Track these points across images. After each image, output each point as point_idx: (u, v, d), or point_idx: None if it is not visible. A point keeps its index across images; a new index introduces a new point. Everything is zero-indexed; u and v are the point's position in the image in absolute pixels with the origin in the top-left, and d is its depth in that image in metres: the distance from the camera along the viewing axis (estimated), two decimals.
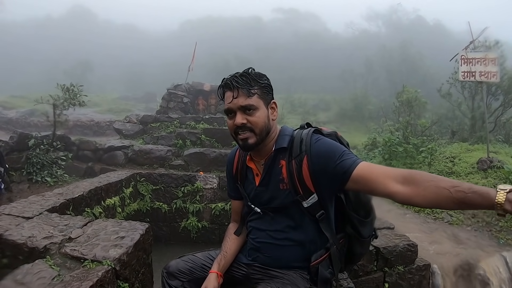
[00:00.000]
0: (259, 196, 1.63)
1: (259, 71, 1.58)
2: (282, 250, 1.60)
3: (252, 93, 1.48)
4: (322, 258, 1.59)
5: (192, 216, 6.33)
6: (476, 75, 6.59)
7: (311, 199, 1.52)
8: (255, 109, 1.48)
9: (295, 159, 1.51)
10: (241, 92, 1.47)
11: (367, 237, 1.76)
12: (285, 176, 1.54)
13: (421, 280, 3.31)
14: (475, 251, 4.45)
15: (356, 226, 1.68)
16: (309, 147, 1.49)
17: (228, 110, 1.52)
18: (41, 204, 3.45)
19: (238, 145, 1.57)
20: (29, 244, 2.39)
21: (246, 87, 1.47)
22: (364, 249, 1.82)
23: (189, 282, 1.68)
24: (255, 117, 1.48)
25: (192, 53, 11.35)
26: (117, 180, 5.36)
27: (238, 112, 1.48)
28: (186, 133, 7.90)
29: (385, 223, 3.68)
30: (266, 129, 1.52)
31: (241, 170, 1.71)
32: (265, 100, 1.53)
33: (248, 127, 1.48)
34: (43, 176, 6.59)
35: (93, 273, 1.96)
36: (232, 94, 1.48)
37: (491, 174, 6.35)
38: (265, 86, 1.53)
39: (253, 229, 1.72)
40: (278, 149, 1.56)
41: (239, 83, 1.47)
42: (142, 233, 2.57)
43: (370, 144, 10.73)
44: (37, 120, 13.68)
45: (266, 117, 1.52)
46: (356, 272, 2.88)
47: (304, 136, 1.54)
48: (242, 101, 1.47)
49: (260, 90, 1.51)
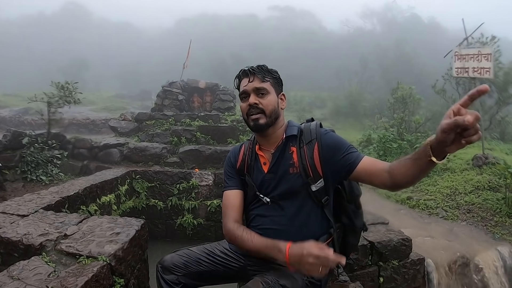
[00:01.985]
0: (267, 183, 1.68)
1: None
2: (286, 238, 1.58)
3: (266, 80, 1.66)
4: (327, 241, 1.66)
5: (187, 213, 6.33)
6: (469, 71, 6.64)
7: (319, 183, 1.62)
8: (267, 93, 1.65)
9: (307, 145, 1.65)
10: (256, 77, 1.65)
11: (359, 228, 1.86)
12: (295, 160, 1.65)
13: (416, 274, 3.35)
14: (470, 245, 4.49)
15: (350, 217, 1.80)
16: (320, 136, 1.65)
17: (243, 92, 1.68)
18: (36, 202, 3.45)
19: (249, 126, 1.69)
20: (24, 241, 2.39)
21: (261, 73, 1.66)
22: (357, 240, 1.93)
23: (184, 276, 1.69)
24: (266, 100, 1.64)
25: (187, 51, 11.32)
26: (112, 178, 5.35)
27: (252, 93, 1.65)
28: (181, 130, 7.89)
29: (379, 219, 3.71)
30: (275, 113, 1.66)
31: (249, 161, 1.76)
32: (276, 89, 1.70)
33: (260, 108, 1.63)
34: (38, 174, 6.55)
35: (89, 269, 1.97)
36: (248, 79, 1.67)
37: (486, 170, 6.40)
38: (277, 78, 1.72)
39: (256, 216, 1.73)
40: (288, 137, 1.68)
41: (255, 70, 1.66)
42: (138, 229, 2.58)
43: (365, 141, 10.77)
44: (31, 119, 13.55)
45: (276, 102, 1.68)
46: (351, 266, 2.90)
47: (313, 127, 1.70)
48: (257, 83, 1.64)
49: (272, 80, 1.69)
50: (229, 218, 1.70)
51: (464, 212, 5.47)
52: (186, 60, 11.17)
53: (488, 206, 5.45)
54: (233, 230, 1.64)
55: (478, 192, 5.83)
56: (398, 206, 6.05)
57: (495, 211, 5.34)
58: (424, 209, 5.75)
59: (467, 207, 5.57)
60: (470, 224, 5.19)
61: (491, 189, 5.84)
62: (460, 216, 5.41)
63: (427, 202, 5.86)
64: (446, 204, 5.74)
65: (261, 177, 1.70)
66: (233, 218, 1.70)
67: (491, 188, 5.85)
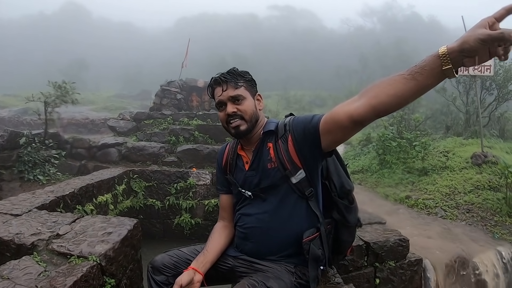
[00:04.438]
0: (249, 180, 1.68)
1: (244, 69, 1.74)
2: (271, 234, 1.63)
3: (239, 85, 1.64)
4: (313, 235, 1.61)
5: (185, 212, 6.31)
6: (470, 69, 6.60)
7: (299, 174, 1.59)
8: (243, 99, 1.63)
9: (281, 138, 1.63)
10: (229, 85, 1.62)
11: (353, 224, 1.79)
12: (272, 155, 1.63)
13: (413, 275, 3.30)
14: (469, 245, 4.46)
15: (342, 212, 1.74)
16: (291, 126, 1.61)
17: (219, 102, 1.65)
18: (30, 201, 3.42)
19: (231, 133, 1.68)
20: (16, 241, 2.36)
21: (233, 80, 1.63)
22: (351, 237, 1.86)
23: (174, 277, 1.67)
24: (244, 105, 1.63)
25: (186, 50, 11.30)
26: (110, 177, 5.32)
27: (228, 103, 1.63)
28: (179, 129, 7.87)
29: (376, 218, 3.67)
30: (255, 117, 1.66)
31: (231, 161, 1.78)
32: (251, 92, 1.69)
33: (239, 115, 1.62)
34: (35, 174, 6.54)
35: (78, 269, 1.95)
36: (221, 88, 1.63)
37: (486, 169, 6.36)
38: (249, 80, 1.70)
39: (241, 217, 1.73)
40: (266, 132, 1.67)
41: (227, 78, 1.63)
42: (130, 229, 2.55)
43: (365, 139, 10.75)
44: (29, 119, 13.58)
45: (253, 106, 1.67)
46: (346, 267, 2.86)
47: (287, 120, 1.67)
48: (231, 92, 1.62)
49: (245, 83, 1.67)
50: (219, 219, 1.88)
51: (463, 212, 5.44)
52: (184, 60, 11.16)
53: (488, 206, 5.42)
54: (213, 228, 1.85)
55: (478, 192, 5.80)
56: (396, 205, 6.03)
57: (495, 210, 5.31)
58: (422, 208, 5.72)
59: (466, 206, 5.54)
60: (470, 224, 5.16)
61: (491, 188, 5.81)
62: (459, 215, 5.39)
63: (426, 202, 5.83)
64: (445, 204, 5.71)
65: (242, 175, 1.71)
66: (221, 217, 1.87)
67: (491, 188, 5.82)
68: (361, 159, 9.38)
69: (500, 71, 9.95)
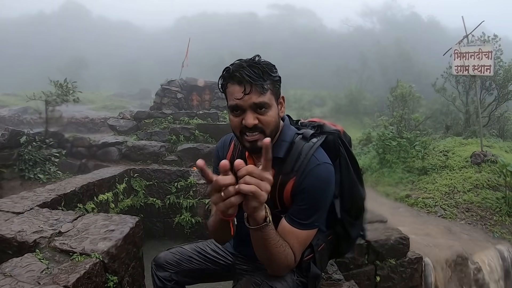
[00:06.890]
0: None
1: (266, 60, 1.35)
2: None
3: (265, 89, 1.27)
4: (311, 255, 1.52)
5: (185, 211, 6.29)
6: (470, 69, 6.62)
7: None
8: (268, 107, 1.28)
9: (283, 174, 1.36)
10: (254, 88, 1.24)
11: (355, 238, 1.71)
12: None
13: (413, 273, 3.32)
14: (468, 244, 4.47)
15: (346, 227, 1.62)
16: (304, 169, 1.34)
17: (236, 107, 1.28)
18: (32, 199, 3.42)
19: (243, 146, 1.38)
20: (18, 238, 2.36)
21: (260, 82, 1.25)
22: (350, 248, 1.78)
23: (177, 273, 1.70)
24: (267, 116, 1.28)
25: (186, 49, 11.31)
26: (110, 176, 5.32)
27: (249, 110, 1.26)
28: (180, 128, 7.88)
29: (377, 217, 3.67)
30: (276, 130, 1.35)
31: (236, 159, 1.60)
32: (275, 96, 1.34)
33: (259, 127, 1.28)
34: (36, 173, 6.54)
35: (81, 266, 1.95)
36: (241, 88, 1.25)
37: (485, 168, 6.37)
38: (277, 80, 1.34)
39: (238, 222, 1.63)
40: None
41: (252, 78, 1.23)
42: (132, 226, 2.55)
43: (365, 139, 10.76)
44: (30, 118, 13.56)
45: (277, 115, 1.34)
46: (347, 265, 2.87)
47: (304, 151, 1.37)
48: (255, 98, 1.25)
49: (272, 85, 1.30)
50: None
51: (462, 211, 5.45)
52: (185, 59, 11.16)
53: (487, 205, 5.42)
54: (208, 222, 1.55)
55: (477, 191, 5.80)
56: (396, 204, 6.04)
57: (495, 210, 5.32)
58: (422, 207, 5.73)
59: (465, 205, 5.55)
60: (469, 223, 5.17)
61: (491, 187, 5.82)
62: (458, 214, 5.40)
63: (426, 200, 5.85)
64: (444, 203, 5.72)
65: None
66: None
67: (490, 187, 5.83)
68: (361, 158, 9.38)
69: (500, 71, 9.97)
